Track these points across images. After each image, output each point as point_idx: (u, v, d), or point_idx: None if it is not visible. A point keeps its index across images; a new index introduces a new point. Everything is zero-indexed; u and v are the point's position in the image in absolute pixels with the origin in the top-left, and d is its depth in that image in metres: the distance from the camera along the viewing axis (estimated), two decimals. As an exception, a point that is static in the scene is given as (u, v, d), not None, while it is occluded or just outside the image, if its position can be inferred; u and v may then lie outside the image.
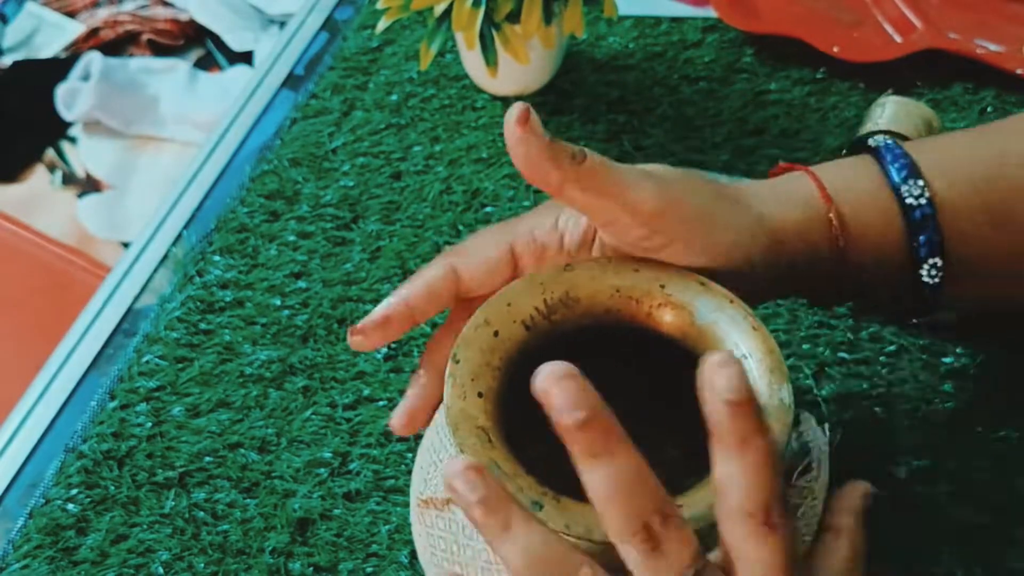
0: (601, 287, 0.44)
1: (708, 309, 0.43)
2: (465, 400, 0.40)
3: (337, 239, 0.68)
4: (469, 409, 0.40)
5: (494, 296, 0.43)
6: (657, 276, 0.44)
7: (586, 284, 0.44)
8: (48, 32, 1.71)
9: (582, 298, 0.44)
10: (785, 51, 0.77)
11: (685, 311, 0.43)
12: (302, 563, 0.54)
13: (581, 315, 0.44)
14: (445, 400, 0.40)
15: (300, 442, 0.59)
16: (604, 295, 0.44)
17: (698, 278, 0.44)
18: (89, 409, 0.61)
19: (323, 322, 0.64)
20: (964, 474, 0.56)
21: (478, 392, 0.40)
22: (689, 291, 0.43)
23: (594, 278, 0.44)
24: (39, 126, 1.59)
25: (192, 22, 1.71)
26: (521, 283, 0.44)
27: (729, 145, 0.71)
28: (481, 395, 0.40)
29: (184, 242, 0.69)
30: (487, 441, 0.39)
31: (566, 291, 0.44)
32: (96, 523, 0.56)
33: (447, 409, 0.40)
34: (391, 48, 0.79)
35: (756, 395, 0.34)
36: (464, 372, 0.41)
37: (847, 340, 0.61)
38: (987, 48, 0.74)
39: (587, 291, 0.44)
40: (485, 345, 0.42)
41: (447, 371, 0.41)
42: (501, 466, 0.38)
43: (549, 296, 0.44)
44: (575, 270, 0.44)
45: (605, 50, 0.78)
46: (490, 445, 0.39)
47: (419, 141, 0.73)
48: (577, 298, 0.44)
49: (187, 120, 1.58)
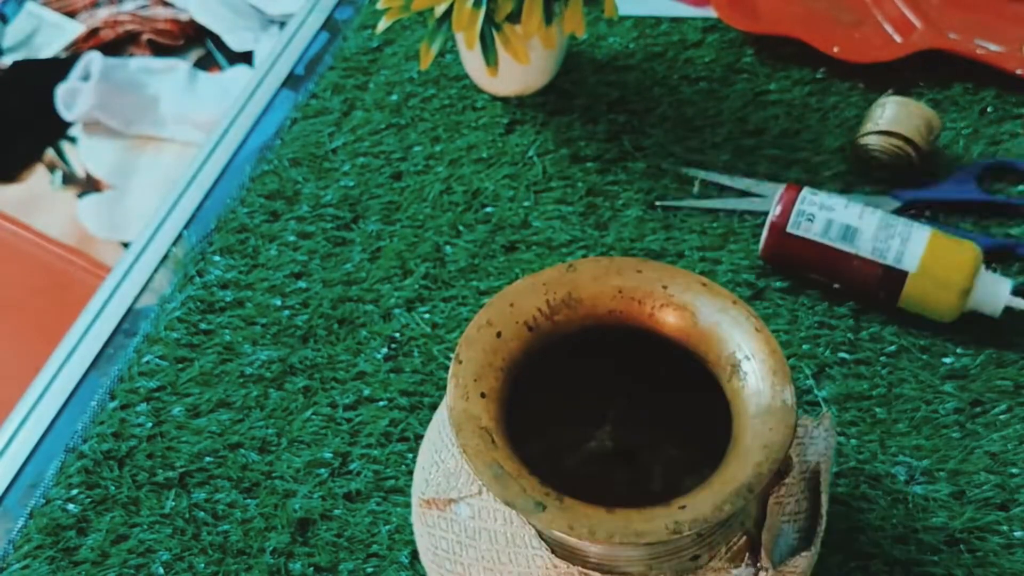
0: (604, 288, 0.44)
1: (711, 310, 0.43)
2: (468, 401, 0.40)
3: (337, 239, 0.68)
4: (472, 410, 0.40)
5: (497, 296, 0.43)
6: (660, 277, 0.44)
7: (589, 285, 0.44)
8: (48, 32, 1.71)
9: (584, 299, 0.44)
10: (785, 51, 0.77)
11: (687, 312, 0.43)
12: (302, 563, 0.54)
13: (584, 316, 0.44)
14: (447, 400, 0.40)
15: (300, 442, 0.59)
16: (607, 296, 0.44)
17: (700, 279, 0.44)
18: (89, 409, 0.61)
19: (323, 322, 0.64)
20: (964, 474, 0.56)
21: (481, 393, 0.40)
22: (691, 292, 0.43)
23: (597, 279, 0.44)
24: (39, 126, 1.59)
25: (192, 22, 1.71)
26: (524, 283, 0.44)
27: (729, 145, 0.71)
28: (484, 395, 0.40)
29: (184, 242, 0.69)
30: (490, 442, 0.39)
31: (569, 292, 0.44)
32: (96, 523, 0.56)
33: (449, 410, 0.40)
34: (391, 48, 0.79)
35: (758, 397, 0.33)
36: (467, 372, 0.41)
37: (847, 340, 0.61)
38: (987, 48, 0.74)
39: (590, 292, 0.44)
40: (488, 346, 0.42)
41: (450, 371, 0.41)
42: (504, 467, 0.38)
43: (552, 297, 0.44)
44: (578, 270, 0.44)
45: (605, 50, 0.78)
46: (493, 446, 0.39)
47: (419, 141, 0.73)
48: (580, 299, 0.44)
49: (187, 120, 1.58)
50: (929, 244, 0.60)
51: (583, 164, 0.71)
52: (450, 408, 0.40)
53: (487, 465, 0.38)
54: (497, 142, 0.72)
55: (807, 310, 0.63)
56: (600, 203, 0.69)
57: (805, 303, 0.63)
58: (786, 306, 0.63)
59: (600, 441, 0.55)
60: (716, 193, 0.69)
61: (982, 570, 0.52)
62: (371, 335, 0.63)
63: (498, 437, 0.39)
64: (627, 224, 0.67)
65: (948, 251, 0.60)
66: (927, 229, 0.61)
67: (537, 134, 0.73)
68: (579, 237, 0.67)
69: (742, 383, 0.41)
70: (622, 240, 0.66)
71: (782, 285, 0.64)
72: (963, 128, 0.71)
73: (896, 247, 0.60)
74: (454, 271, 0.66)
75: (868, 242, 0.61)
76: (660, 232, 0.67)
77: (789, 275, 0.64)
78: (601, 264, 0.44)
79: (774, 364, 0.41)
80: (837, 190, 0.68)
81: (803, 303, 0.63)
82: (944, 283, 0.59)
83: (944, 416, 0.58)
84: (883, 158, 0.67)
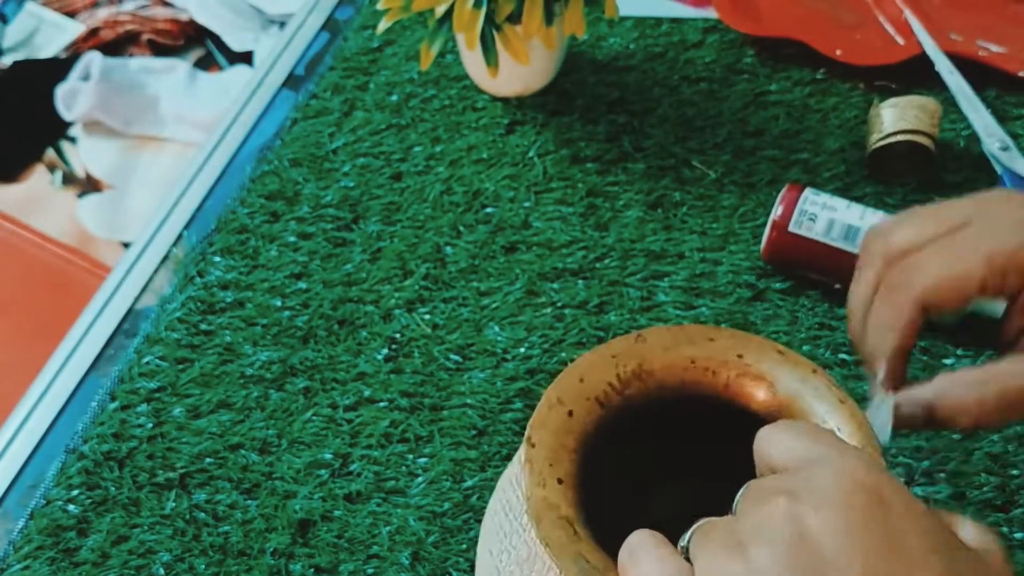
0: (676, 358, 0.42)
1: (790, 379, 0.41)
2: (545, 488, 0.38)
3: (338, 240, 0.68)
4: (551, 498, 0.37)
5: (565, 371, 0.41)
6: (734, 345, 0.42)
7: (660, 355, 0.42)
8: (48, 32, 1.71)
9: (656, 370, 0.41)
10: (785, 52, 0.77)
11: (765, 382, 0.41)
12: (303, 564, 0.54)
13: (655, 388, 0.42)
14: (524, 489, 0.38)
15: (301, 443, 0.59)
16: (679, 367, 0.42)
17: (776, 346, 0.42)
18: (90, 410, 0.61)
19: (324, 323, 0.64)
20: (964, 476, 0.56)
21: (557, 478, 0.38)
22: (768, 361, 0.41)
23: (668, 349, 0.42)
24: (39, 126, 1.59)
25: (192, 22, 1.71)
26: (592, 356, 0.41)
27: (729, 146, 0.71)
28: (561, 481, 0.38)
29: (184, 243, 0.69)
30: (573, 533, 0.36)
31: (639, 363, 0.41)
32: (97, 524, 0.56)
33: (527, 499, 0.37)
34: (392, 48, 0.79)
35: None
36: (541, 457, 0.38)
37: (847, 341, 0.61)
38: (989, 49, 0.74)
39: (661, 363, 0.42)
40: (560, 426, 0.39)
41: (523, 455, 0.38)
42: (589, 559, 0.36)
43: (622, 370, 0.41)
44: (648, 341, 0.42)
45: (606, 51, 0.78)
46: (576, 538, 0.36)
47: (420, 142, 0.73)
48: (651, 370, 0.41)
49: (187, 120, 1.57)
50: (930, 245, 0.60)
51: (583, 165, 0.71)
52: (528, 497, 0.38)
53: (572, 560, 0.36)
54: (497, 143, 0.72)
55: (807, 311, 0.63)
56: (600, 204, 0.69)
57: (805, 304, 0.63)
58: (786, 307, 0.63)
59: (660, 507, 0.51)
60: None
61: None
62: (371, 336, 0.63)
63: (580, 527, 0.37)
64: (627, 225, 0.67)
65: (949, 252, 0.60)
66: (928, 230, 0.61)
67: (537, 135, 0.73)
68: (579, 238, 0.67)
69: None
70: (622, 241, 0.66)
71: (782, 286, 0.64)
72: (962, 130, 0.71)
73: (897, 248, 0.60)
74: (454, 272, 0.66)
75: (869, 243, 0.61)
76: (660, 233, 0.67)
77: (789, 276, 0.64)
78: (671, 333, 0.42)
79: (862, 439, 0.39)
80: (837, 191, 0.68)
81: (803, 304, 0.63)
82: (945, 284, 0.59)
83: (945, 417, 0.58)
84: (901, 164, 0.68)
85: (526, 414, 0.59)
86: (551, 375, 0.61)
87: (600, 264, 0.66)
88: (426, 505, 0.56)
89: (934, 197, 0.68)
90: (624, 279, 0.65)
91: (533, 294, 0.64)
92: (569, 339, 0.62)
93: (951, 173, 0.69)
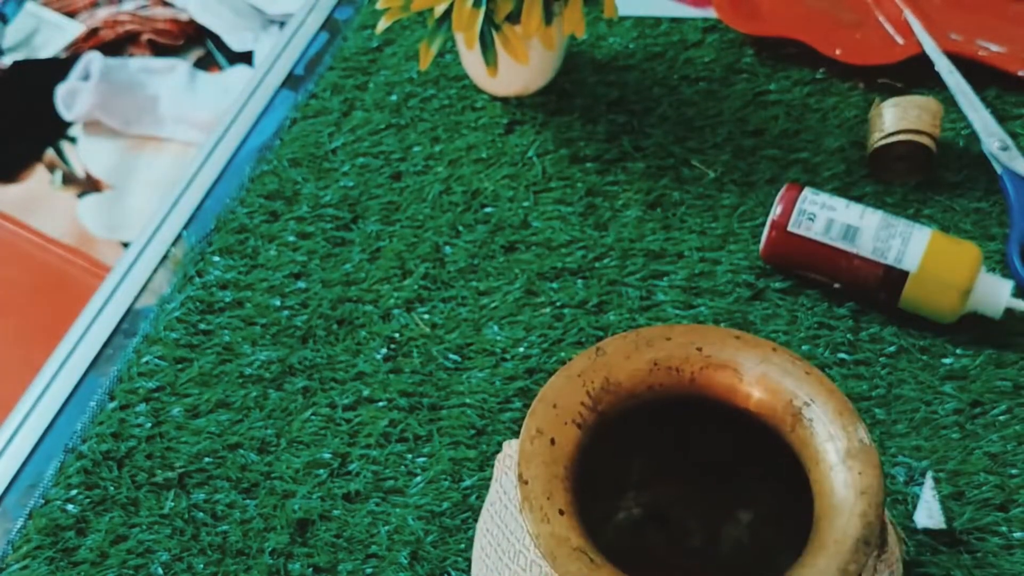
0: (638, 364, 0.42)
1: (753, 362, 0.41)
2: (550, 523, 0.37)
3: (337, 239, 0.68)
4: (558, 531, 0.37)
5: (536, 400, 0.41)
6: (692, 340, 0.42)
7: (623, 365, 0.42)
8: (48, 32, 1.71)
9: (623, 380, 0.42)
10: (785, 52, 0.77)
11: (730, 369, 0.41)
12: (302, 564, 0.54)
13: (626, 397, 0.42)
14: (529, 528, 0.37)
15: (299, 443, 0.59)
16: (643, 371, 0.42)
17: (733, 332, 0.42)
18: (89, 409, 0.61)
19: (323, 323, 0.64)
20: (964, 475, 0.56)
21: (558, 510, 0.38)
22: (727, 348, 0.41)
23: (629, 357, 0.42)
24: (39, 126, 1.59)
25: (192, 22, 1.71)
26: (558, 379, 0.41)
27: (729, 146, 0.71)
28: (562, 512, 0.38)
29: (184, 242, 0.69)
30: (590, 562, 0.36)
31: (605, 377, 0.42)
32: (95, 524, 0.56)
33: (535, 538, 0.37)
34: (391, 48, 0.79)
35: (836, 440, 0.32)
36: (537, 493, 0.38)
37: (847, 341, 0.61)
38: (989, 49, 0.74)
39: (626, 372, 0.42)
40: (547, 457, 0.39)
41: (520, 495, 0.38)
42: None
43: (590, 387, 0.41)
44: (607, 352, 0.42)
45: (605, 50, 0.78)
46: (594, 566, 0.36)
47: (419, 141, 0.73)
48: (618, 381, 0.42)
49: (187, 120, 1.57)
50: (930, 244, 0.60)
51: (583, 164, 0.71)
52: (536, 536, 0.37)
53: None
54: (497, 142, 0.72)
55: (806, 311, 0.63)
56: (600, 203, 0.69)
57: (804, 304, 0.63)
58: (785, 307, 0.63)
59: (628, 510, 0.52)
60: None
61: (981, 571, 0.52)
62: (370, 335, 0.63)
63: (594, 554, 0.37)
64: (627, 224, 0.67)
65: (949, 252, 0.60)
66: (928, 229, 0.61)
67: (537, 134, 0.73)
68: (579, 237, 0.67)
69: (808, 430, 0.39)
70: (622, 240, 0.66)
71: (782, 285, 0.64)
72: (962, 129, 0.71)
73: (897, 247, 0.60)
74: (453, 271, 0.66)
75: (869, 242, 0.61)
76: (660, 232, 0.67)
77: (788, 275, 0.64)
78: (628, 340, 0.42)
79: (837, 404, 0.39)
80: (836, 191, 0.68)
81: (802, 304, 0.63)
82: (944, 284, 0.59)
83: (944, 417, 0.58)
84: (902, 163, 0.67)
85: (525, 414, 0.59)
86: (550, 375, 0.61)
87: (599, 264, 0.65)
88: (425, 504, 0.56)
89: (934, 197, 0.68)
90: (623, 279, 0.65)
91: (532, 294, 0.64)
92: (568, 339, 0.62)
93: (951, 173, 0.69)
